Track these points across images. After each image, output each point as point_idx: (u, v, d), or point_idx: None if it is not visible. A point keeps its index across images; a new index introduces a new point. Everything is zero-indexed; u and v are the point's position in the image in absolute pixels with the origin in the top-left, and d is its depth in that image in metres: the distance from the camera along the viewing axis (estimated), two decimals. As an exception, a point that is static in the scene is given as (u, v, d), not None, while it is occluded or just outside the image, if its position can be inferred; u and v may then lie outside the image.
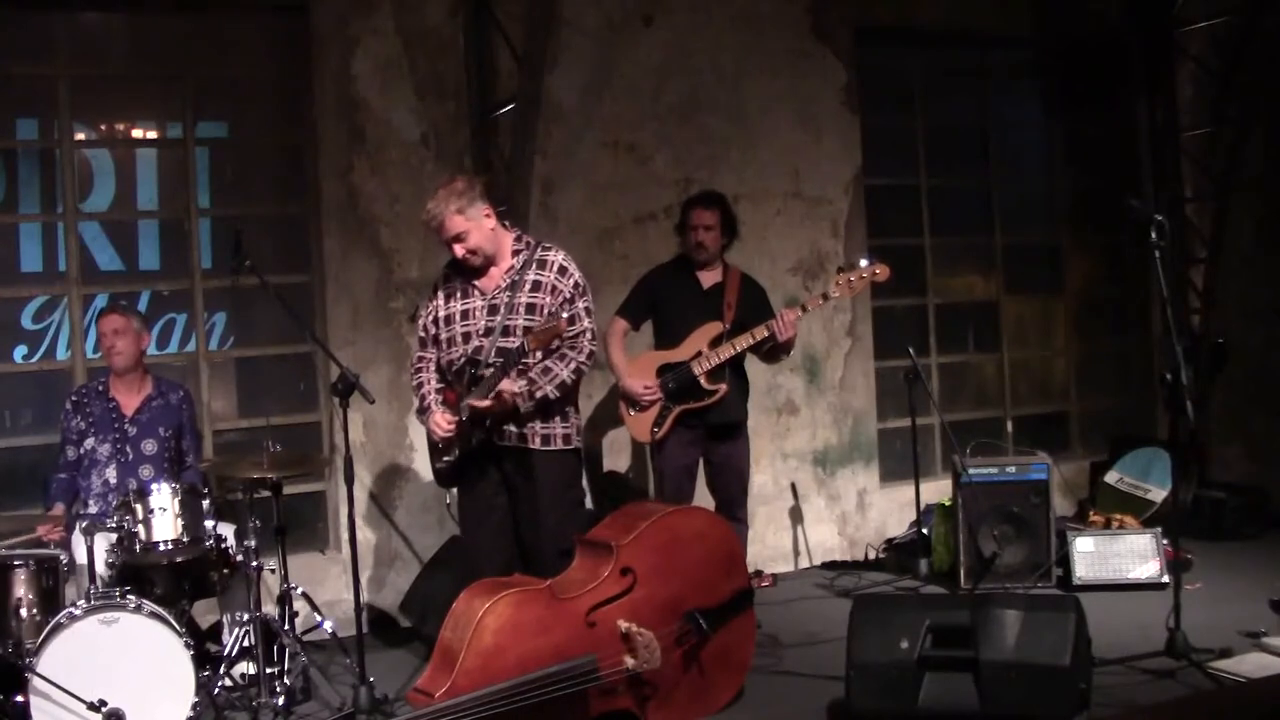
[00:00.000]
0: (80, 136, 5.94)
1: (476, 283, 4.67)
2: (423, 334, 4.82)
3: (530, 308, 4.56)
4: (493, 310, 4.60)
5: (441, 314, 4.71)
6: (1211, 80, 7.90)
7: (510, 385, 4.42)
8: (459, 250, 4.56)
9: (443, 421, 4.61)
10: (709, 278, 5.68)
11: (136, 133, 6.17)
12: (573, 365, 4.56)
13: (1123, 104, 8.22)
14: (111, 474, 5.12)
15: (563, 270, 4.63)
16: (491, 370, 4.46)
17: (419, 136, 6.22)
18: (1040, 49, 8.11)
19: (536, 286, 4.60)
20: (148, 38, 6.03)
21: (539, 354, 4.44)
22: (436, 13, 6.24)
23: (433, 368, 4.77)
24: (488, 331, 4.58)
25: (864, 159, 7.28)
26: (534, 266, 4.62)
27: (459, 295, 4.69)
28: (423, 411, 4.74)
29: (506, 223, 4.77)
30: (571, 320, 4.52)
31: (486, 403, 4.42)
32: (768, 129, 6.99)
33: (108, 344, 5.19)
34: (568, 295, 4.60)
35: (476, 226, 4.55)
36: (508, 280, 4.62)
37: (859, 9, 7.24)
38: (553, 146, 6.35)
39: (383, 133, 6.15)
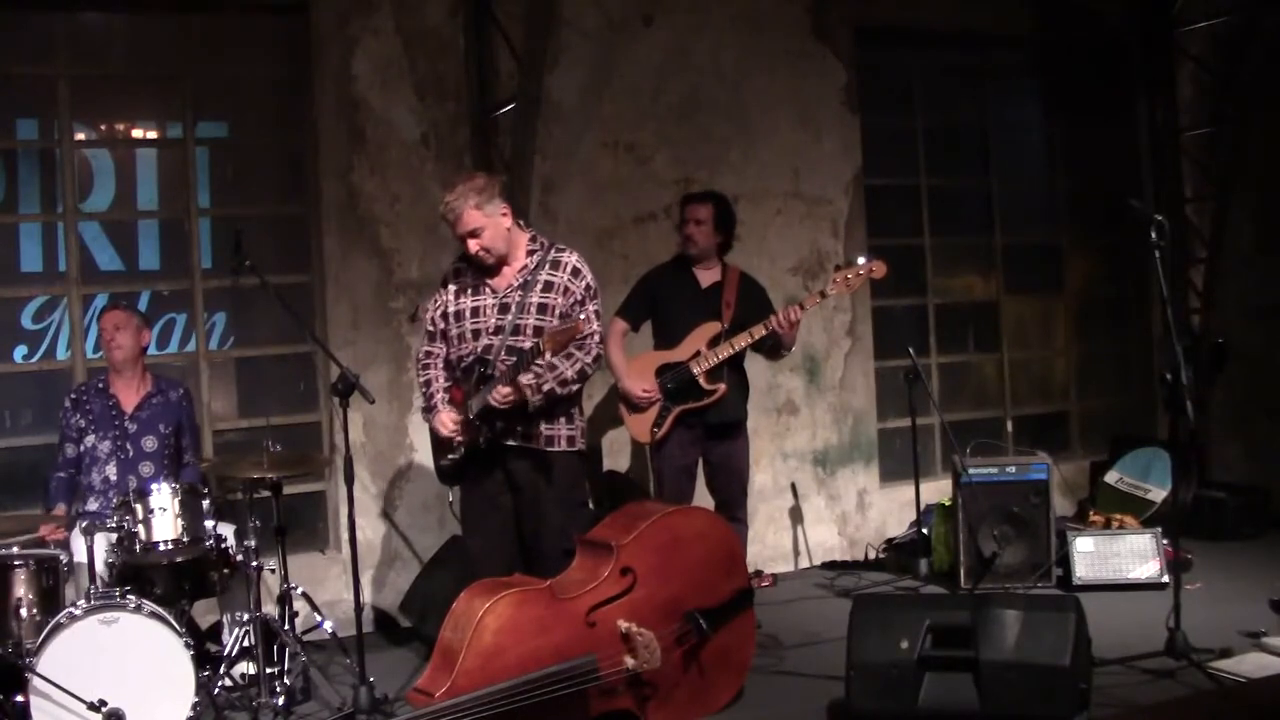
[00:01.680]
0: (80, 136, 5.94)
1: (489, 280, 4.66)
2: (431, 328, 4.81)
3: (542, 308, 4.56)
4: (503, 309, 4.60)
5: (451, 309, 4.71)
6: (1211, 80, 7.90)
7: (523, 378, 4.42)
8: (473, 246, 4.55)
9: (448, 421, 4.61)
10: (707, 277, 5.68)
11: (136, 133, 6.17)
12: (578, 365, 4.55)
13: (1123, 104, 8.22)
14: (112, 471, 5.12)
15: (576, 272, 4.64)
16: (504, 370, 4.45)
17: (419, 136, 6.22)
18: (1040, 49, 8.11)
19: (549, 287, 4.60)
20: (148, 38, 6.04)
21: (549, 354, 4.43)
22: (436, 13, 6.24)
23: (441, 364, 4.76)
24: (498, 330, 4.59)
25: (864, 159, 7.28)
26: (547, 267, 4.63)
27: (470, 292, 4.69)
28: (429, 410, 4.73)
29: (521, 222, 4.77)
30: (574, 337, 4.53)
31: (507, 389, 4.40)
32: (768, 129, 6.99)
33: (107, 338, 5.20)
34: (579, 297, 4.60)
35: (493, 224, 4.54)
36: (520, 280, 4.62)
37: (859, 9, 7.24)
38: (553, 146, 6.36)
39: (383, 133, 6.15)
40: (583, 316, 4.47)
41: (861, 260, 5.62)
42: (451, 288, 4.74)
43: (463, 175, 4.86)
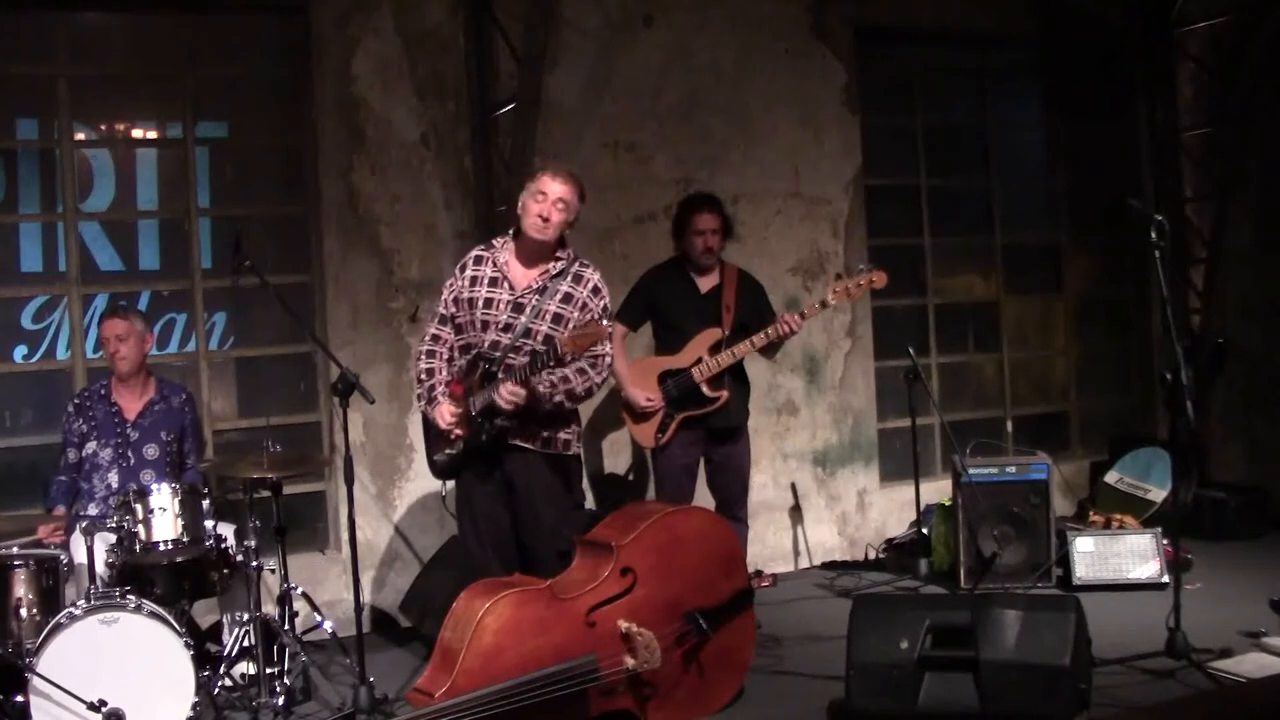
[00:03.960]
0: (80, 136, 5.93)
1: (509, 274, 4.66)
2: (443, 311, 4.79)
3: (557, 318, 4.56)
4: (517, 308, 4.60)
5: (465, 296, 4.69)
6: (1211, 80, 7.90)
7: (539, 386, 4.43)
8: (547, 208, 4.56)
9: (447, 413, 4.60)
10: (706, 281, 5.68)
11: (136, 133, 6.17)
12: (588, 384, 4.55)
13: (1123, 104, 8.22)
14: (114, 478, 5.12)
15: (596, 290, 4.66)
16: (516, 368, 4.44)
17: (419, 136, 6.22)
18: (1040, 49, 8.10)
19: (568, 299, 4.60)
20: (148, 38, 6.03)
21: (569, 358, 4.42)
22: (436, 13, 6.24)
23: (445, 354, 4.74)
24: (507, 328, 4.58)
25: (864, 159, 7.28)
26: (569, 279, 4.63)
27: (487, 282, 4.67)
28: (430, 402, 4.70)
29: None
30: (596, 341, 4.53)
31: (521, 391, 4.41)
32: (768, 129, 6.99)
33: (111, 350, 5.18)
34: (595, 315, 4.59)
35: (569, 213, 4.62)
36: (540, 283, 4.62)
37: (859, 9, 7.24)
38: (553, 146, 6.34)
39: (383, 133, 6.15)
40: (604, 321, 4.48)
41: (863, 269, 5.64)
42: (469, 274, 4.72)
43: None
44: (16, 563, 4.36)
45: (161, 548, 4.59)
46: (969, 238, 7.96)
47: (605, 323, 4.55)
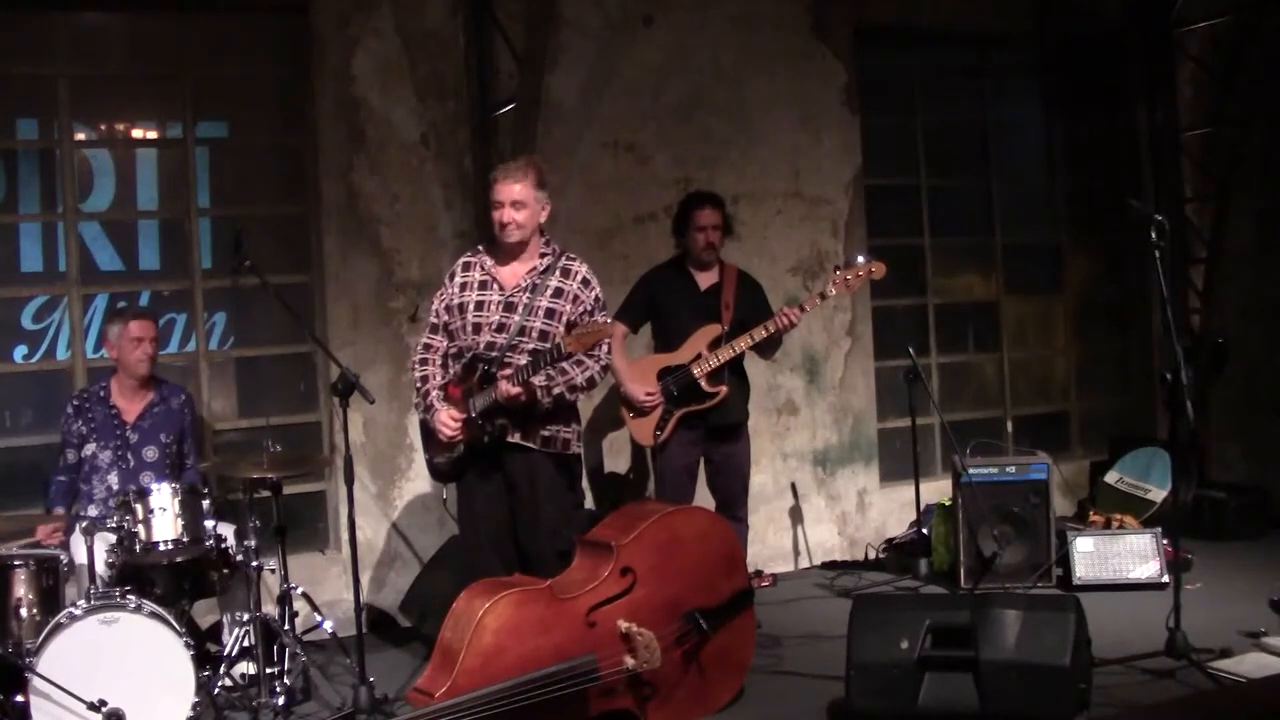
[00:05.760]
0: (80, 136, 5.93)
1: (497, 276, 4.67)
2: (435, 320, 4.82)
3: (550, 313, 4.57)
4: (509, 307, 4.61)
5: (455, 302, 4.72)
6: (1211, 80, 7.90)
7: (535, 379, 4.43)
8: (505, 214, 4.57)
9: (449, 420, 4.61)
10: (706, 279, 5.69)
11: (136, 133, 6.16)
12: (589, 373, 4.56)
13: (1123, 104, 8.22)
14: (113, 480, 5.12)
15: (586, 282, 4.67)
16: (516, 369, 4.44)
17: (419, 136, 6.22)
18: (1040, 49, 8.11)
19: (559, 293, 4.61)
20: (148, 38, 6.04)
21: (577, 354, 4.42)
22: (436, 13, 6.24)
23: (439, 360, 4.77)
24: (501, 328, 4.59)
25: (864, 159, 7.28)
26: (557, 273, 4.65)
27: (476, 286, 4.69)
28: (428, 409, 4.72)
29: (543, 228, 4.77)
30: (601, 339, 4.53)
31: (517, 389, 4.41)
32: (768, 129, 6.99)
33: (142, 352, 5.14)
34: (588, 307, 4.62)
35: (534, 209, 4.61)
36: (529, 281, 4.63)
37: (859, 9, 7.24)
38: (553, 146, 6.34)
39: (383, 133, 6.15)
40: (605, 320, 4.48)
41: (861, 260, 5.64)
42: (458, 280, 4.75)
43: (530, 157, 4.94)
44: (16, 563, 4.35)
45: (161, 548, 4.59)
46: (969, 238, 7.96)
47: (603, 318, 4.56)
